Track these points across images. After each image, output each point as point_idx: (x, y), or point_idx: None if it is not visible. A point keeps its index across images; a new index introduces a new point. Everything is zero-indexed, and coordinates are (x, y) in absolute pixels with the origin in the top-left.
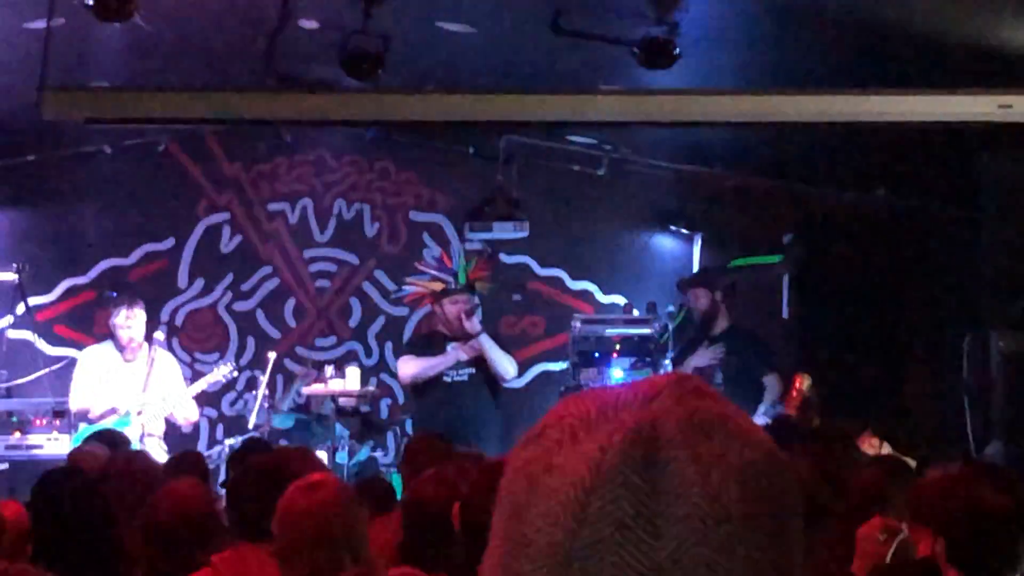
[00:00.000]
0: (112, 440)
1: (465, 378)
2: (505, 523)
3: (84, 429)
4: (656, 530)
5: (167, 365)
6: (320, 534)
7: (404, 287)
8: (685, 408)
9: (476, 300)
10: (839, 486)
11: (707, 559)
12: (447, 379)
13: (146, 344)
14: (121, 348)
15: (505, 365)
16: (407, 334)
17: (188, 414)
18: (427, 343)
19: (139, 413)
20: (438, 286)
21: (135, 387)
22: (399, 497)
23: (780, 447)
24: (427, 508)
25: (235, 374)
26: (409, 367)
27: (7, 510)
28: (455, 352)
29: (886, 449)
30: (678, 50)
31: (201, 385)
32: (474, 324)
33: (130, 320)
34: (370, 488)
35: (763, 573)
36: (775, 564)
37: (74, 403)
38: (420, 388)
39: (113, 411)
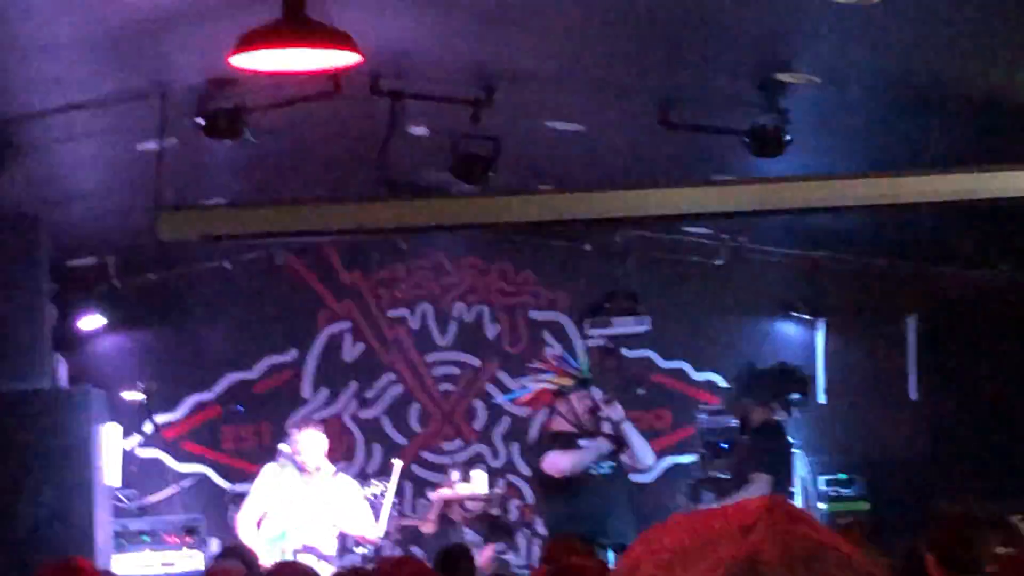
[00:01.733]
0: (244, 556)
1: (607, 471)
2: None
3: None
4: None
5: (347, 488)
6: None
7: (524, 387)
8: (784, 537)
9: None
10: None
11: None
12: (592, 471)
13: (331, 468)
14: (300, 470)
15: (647, 451)
16: (532, 433)
17: (366, 531)
18: (560, 441)
19: (295, 530)
20: (566, 381)
21: (310, 511)
22: None
23: None
24: None
25: (382, 495)
26: (563, 461)
27: None
28: (598, 443)
29: None
30: (788, 137)
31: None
32: (617, 410)
33: (305, 439)
34: None
35: None
36: None
37: (242, 516)
38: (557, 484)
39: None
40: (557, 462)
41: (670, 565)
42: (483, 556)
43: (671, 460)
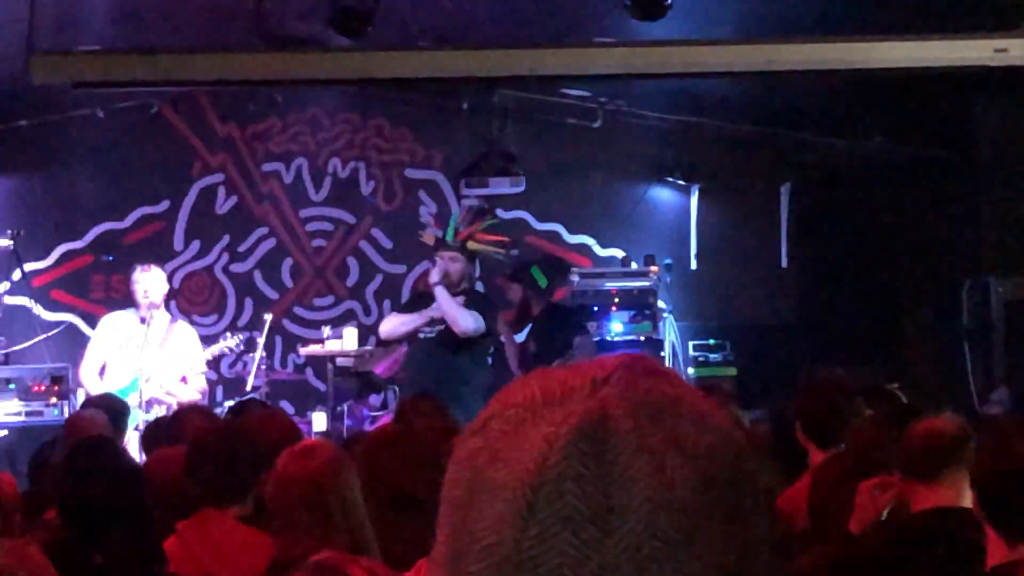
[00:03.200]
0: (110, 406)
1: (434, 334)
2: (451, 519)
3: None
4: (607, 525)
5: (186, 334)
6: (315, 498)
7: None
8: (637, 392)
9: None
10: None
11: (663, 553)
12: (421, 335)
13: (164, 310)
14: (137, 306)
15: (459, 319)
16: (405, 291)
17: (200, 383)
18: (417, 301)
19: (147, 380)
20: (430, 239)
21: (150, 353)
22: None
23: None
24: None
25: (242, 347)
26: (385, 325)
27: None
28: (429, 310)
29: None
30: (669, 1)
31: (206, 356)
32: (432, 276)
33: (147, 277)
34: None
35: (724, 565)
36: (736, 554)
37: (86, 369)
38: (409, 348)
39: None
40: (382, 325)
41: (520, 420)
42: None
43: None
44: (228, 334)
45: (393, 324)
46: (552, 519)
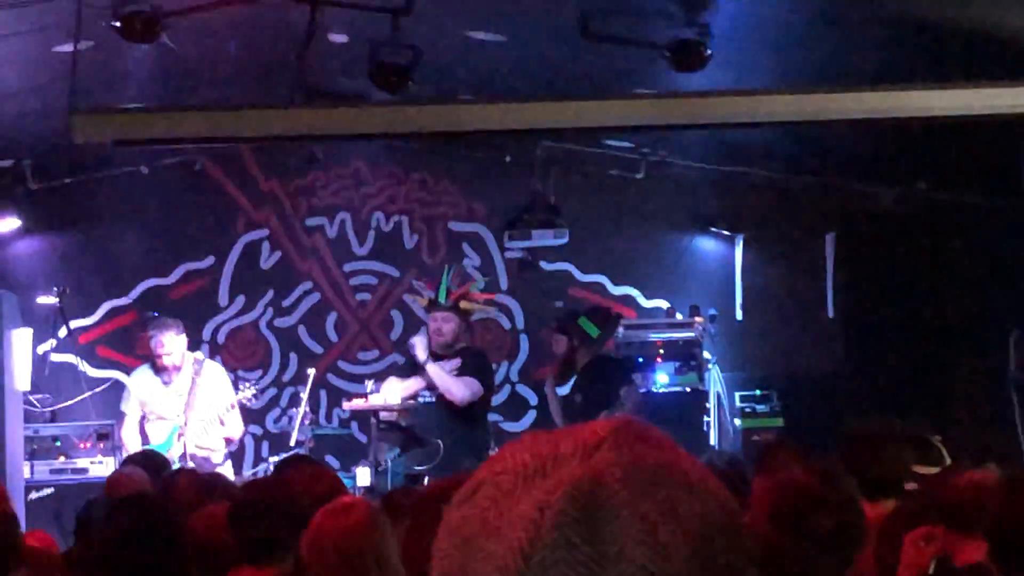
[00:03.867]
0: (150, 462)
1: (433, 398)
2: None
3: None
4: None
5: (214, 378)
6: (349, 556)
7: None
8: (628, 459)
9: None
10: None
11: None
12: (421, 399)
13: (191, 359)
14: (158, 371)
15: (456, 392)
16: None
17: (232, 429)
18: (416, 365)
19: (180, 436)
20: (423, 302)
21: (179, 405)
22: None
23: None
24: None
25: (255, 398)
26: (385, 390)
27: (34, 540)
28: (420, 379)
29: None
30: (709, 51)
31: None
32: (419, 354)
33: (163, 347)
34: (398, 502)
35: None
36: None
37: (126, 429)
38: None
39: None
40: (383, 391)
41: (510, 488)
42: None
43: None
44: (244, 385)
45: (393, 390)
46: None
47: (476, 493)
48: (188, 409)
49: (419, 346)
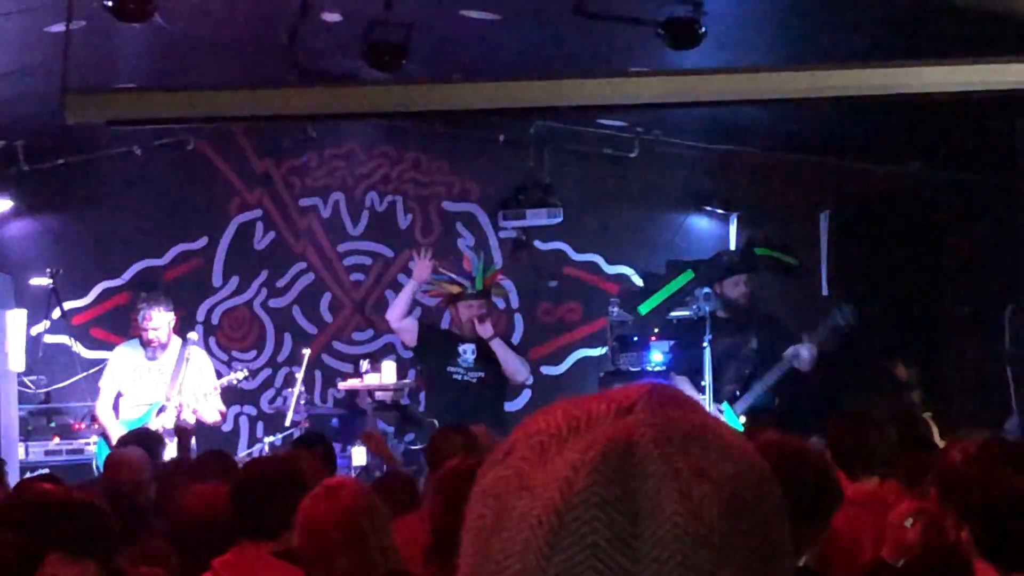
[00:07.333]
0: (145, 439)
1: (474, 380)
2: (473, 547)
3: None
4: (634, 553)
5: (199, 364)
6: (345, 538)
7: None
8: (661, 420)
9: (491, 305)
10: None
11: None
12: (457, 378)
13: (177, 342)
14: (144, 346)
15: (518, 366)
16: (444, 325)
17: (209, 413)
18: (440, 338)
19: (159, 412)
20: (455, 289)
21: (161, 385)
22: None
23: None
24: (451, 503)
25: (243, 381)
26: (390, 314)
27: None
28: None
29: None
30: (703, 29)
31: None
32: (487, 328)
33: (150, 321)
34: (390, 486)
35: None
36: None
37: (101, 403)
38: (432, 386)
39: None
40: (389, 316)
41: (544, 448)
42: None
43: (582, 353)
44: (236, 367)
45: (394, 309)
46: (578, 546)
47: (510, 454)
48: (170, 389)
49: (484, 325)
